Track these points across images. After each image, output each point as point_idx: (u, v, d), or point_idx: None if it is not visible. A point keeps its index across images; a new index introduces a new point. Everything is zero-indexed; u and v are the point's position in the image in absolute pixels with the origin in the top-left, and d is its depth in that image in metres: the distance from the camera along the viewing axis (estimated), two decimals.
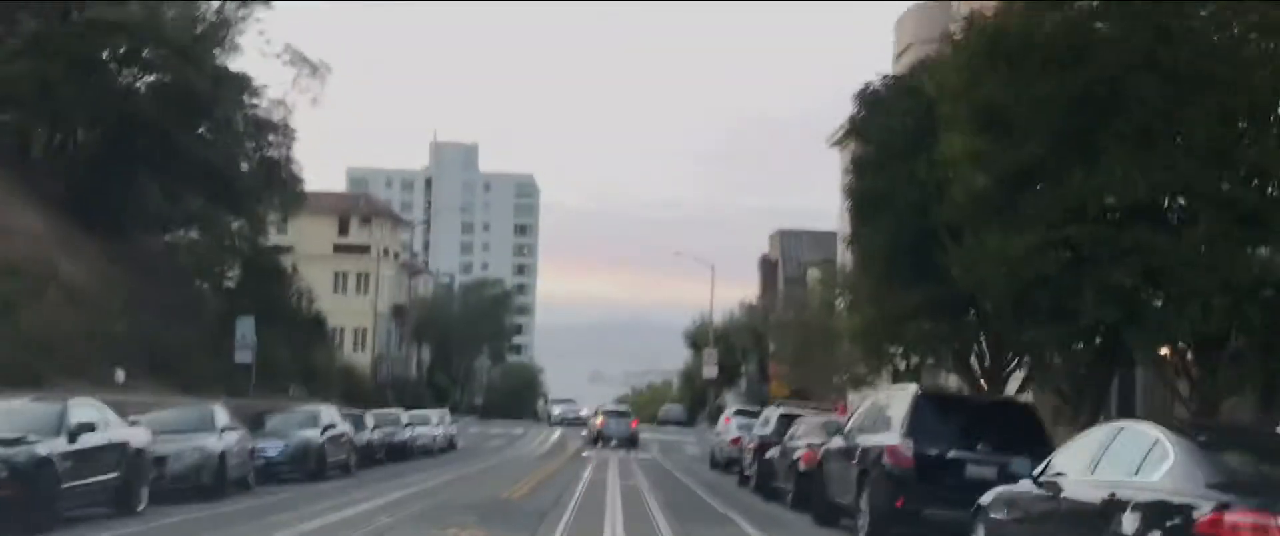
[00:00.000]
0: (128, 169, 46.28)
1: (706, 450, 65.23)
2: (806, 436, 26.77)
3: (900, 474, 18.76)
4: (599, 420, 67.54)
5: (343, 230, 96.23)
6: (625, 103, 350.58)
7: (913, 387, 20.95)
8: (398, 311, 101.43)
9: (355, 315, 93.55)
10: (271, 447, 31.29)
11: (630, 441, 63.57)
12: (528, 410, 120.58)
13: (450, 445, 58.04)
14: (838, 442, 21.66)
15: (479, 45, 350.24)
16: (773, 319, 53.38)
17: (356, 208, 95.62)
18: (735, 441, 42.32)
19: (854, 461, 20.25)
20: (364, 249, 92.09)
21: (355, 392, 63.90)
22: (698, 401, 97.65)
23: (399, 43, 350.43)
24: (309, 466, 31.97)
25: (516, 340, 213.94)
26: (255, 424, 32.86)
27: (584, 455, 55.26)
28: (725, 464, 43.78)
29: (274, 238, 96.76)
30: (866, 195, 27.87)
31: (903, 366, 33.14)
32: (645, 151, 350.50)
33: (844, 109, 31.50)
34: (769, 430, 32.46)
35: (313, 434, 32.74)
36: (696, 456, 59.10)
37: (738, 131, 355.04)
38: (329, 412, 35.07)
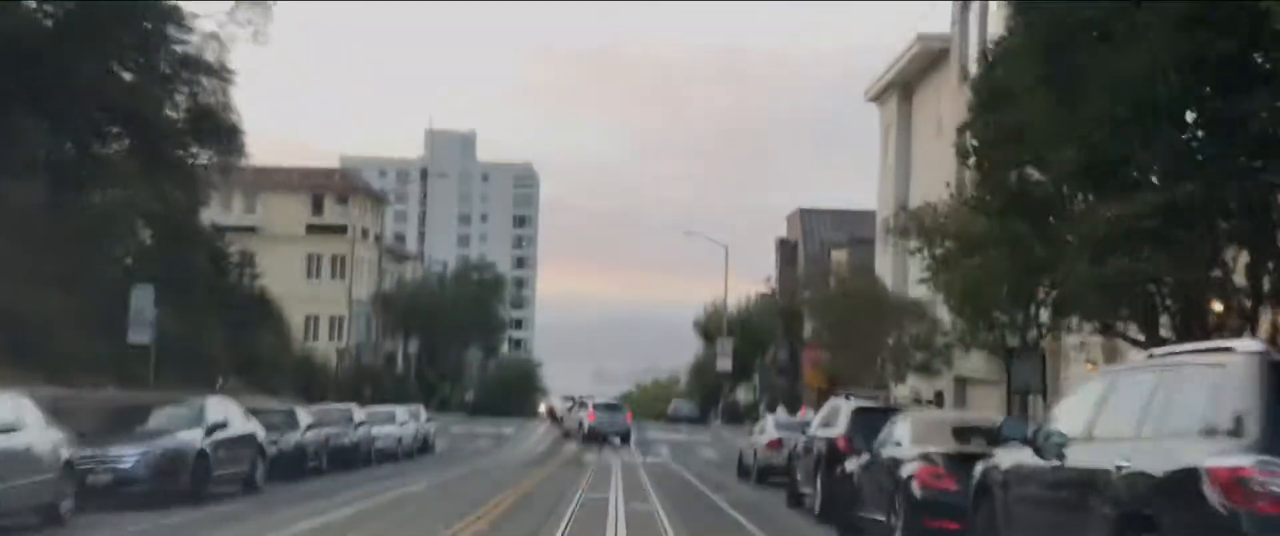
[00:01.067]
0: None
1: (725, 452, 56.02)
2: (920, 441, 17.18)
3: None
4: (589, 413, 60.03)
5: (317, 209, 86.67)
6: (624, 98, 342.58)
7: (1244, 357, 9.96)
8: (381, 299, 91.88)
9: (330, 302, 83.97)
10: (127, 457, 21.86)
11: (623, 437, 57.50)
12: (526, 407, 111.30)
13: (424, 447, 48.73)
14: (1027, 460, 11.73)
15: (477, 36, 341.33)
16: (812, 295, 43.85)
17: (332, 184, 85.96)
18: (774, 444, 32.85)
19: (1103, 497, 10.02)
20: (340, 230, 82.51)
21: (317, 387, 54.41)
22: (710, 397, 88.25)
23: (396, 28, 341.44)
24: (180, 482, 22.52)
25: (516, 335, 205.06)
26: (117, 423, 23.52)
27: (584, 460, 45.87)
28: (759, 474, 34.27)
29: (241, 217, 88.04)
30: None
31: (1028, 335, 23.94)
32: (646, 149, 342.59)
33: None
34: (839, 430, 22.80)
35: (190, 437, 23.22)
36: (716, 461, 49.70)
37: (740, 128, 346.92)
38: (221, 407, 25.52)
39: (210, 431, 23.79)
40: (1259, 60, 16.36)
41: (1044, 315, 24.71)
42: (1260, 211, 16.68)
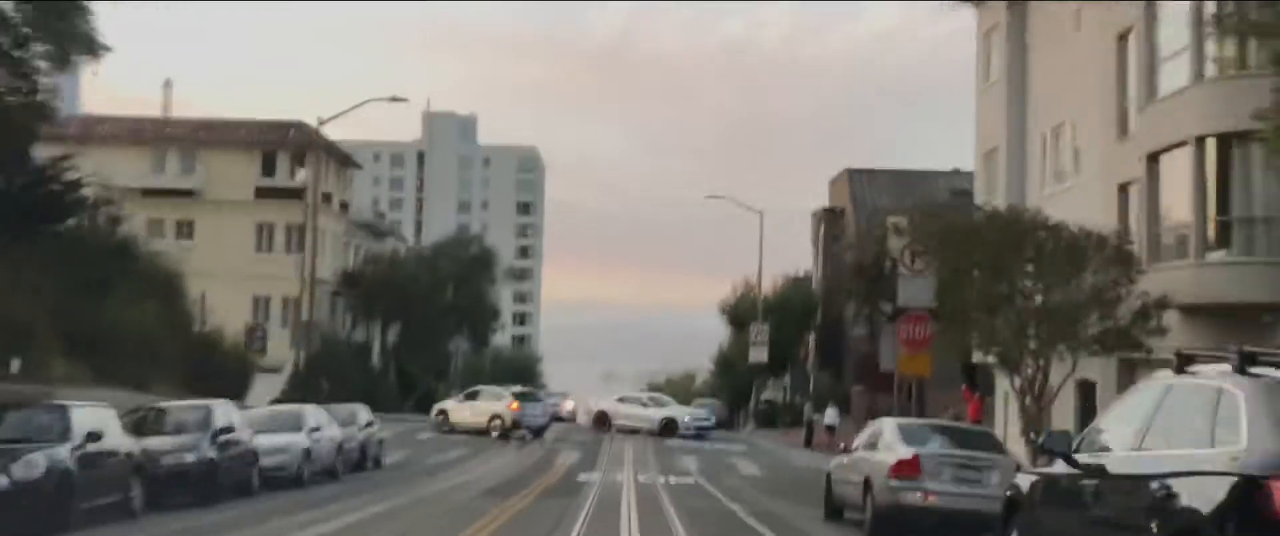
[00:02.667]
0: None
1: (770, 466, 42.06)
2: None
3: None
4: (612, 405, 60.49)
5: (268, 169, 72.59)
6: (634, 100, 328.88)
7: None
8: (348, 279, 77.80)
9: (284, 280, 69.84)
10: None
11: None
12: None
13: (361, 462, 34.91)
14: None
15: (476, 21, 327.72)
16: (922, 229, 29.18)
17: (286, 140, 71.88)
18: (907, 467, 18.85)
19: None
20: (296, 194, 68.38)
21: (220, 378, 40.34)
22: (738, 397, 74.60)
23: (395, 23, 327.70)
24: None
25: (519, 331, 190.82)
26: None
27: (579, 483, 32.10)
28: (880, 519, 20.03)
29: (178, 178, 73.93)
30: None
31: None
32: (655, 148, 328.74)
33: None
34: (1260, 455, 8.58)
35: None
36: (763, 481, 36.03)
37: (747, 129, 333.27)
38: None
39: None
40: None
41: None
42: None
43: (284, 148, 72.26)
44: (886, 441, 20.42)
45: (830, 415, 59.23)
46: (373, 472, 34.53)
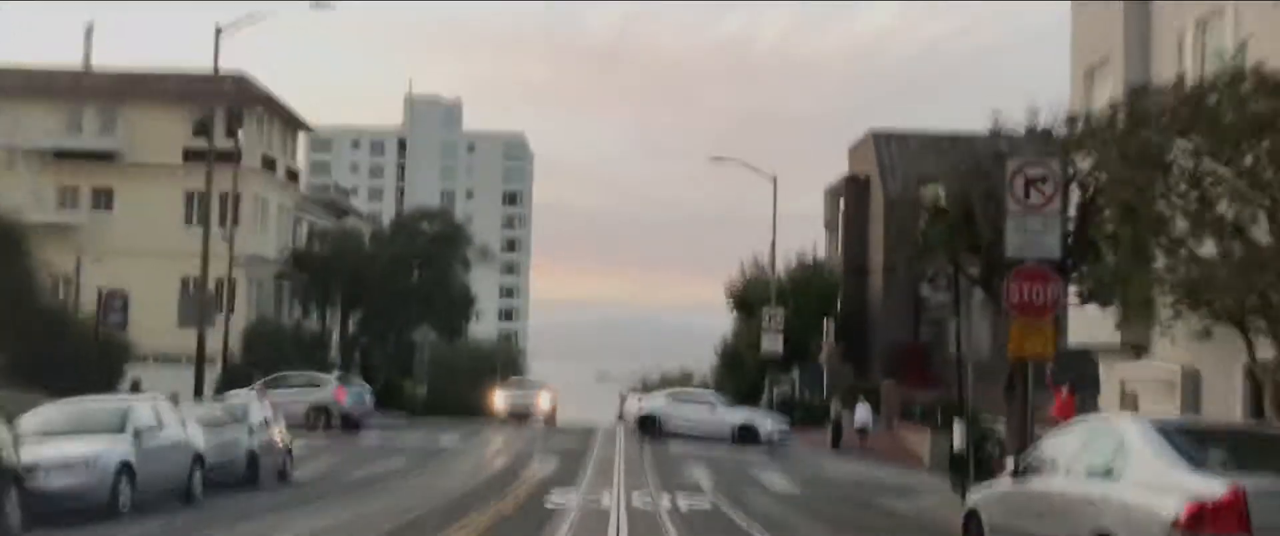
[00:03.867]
0: None
1: (803, 478, 32.27)
2: None
3: None
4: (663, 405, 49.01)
5: (200, 130, 62.24)
6: (633, 100, 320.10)
7: None
8: (297, 259, 67.73)
9: (220, 260, 59.81)
10: None
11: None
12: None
13: (253, 478, 25.19)
14: None
15: (471, 19, 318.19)
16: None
17: (221, 93, 61.66)
18: (1219, 516, 8.90)
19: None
20: (231, 157, 58.21)
21: (71, 366, 30.36)
22: (746, 396, 65.00)
23: (380, 20, 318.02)
24: None
25: (505, 326, 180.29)
26: None
27: (550, 504, 22.41)
28: None
29: (97, 138, 63.81)
30: None
31: None
32: (652, 149, 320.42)
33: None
34: None
35: None
36: (804, 502, 26.60)
37: (744, 129, 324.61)
38: None
39: None
40: None
41: None
42: None
43: (218, 102, 62.12)
44: (1144, 462, 10.45)
45: (861, 413, 49.35)
46: (258, 493, 24.60)
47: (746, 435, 46.66)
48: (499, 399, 62.59)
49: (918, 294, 61.14)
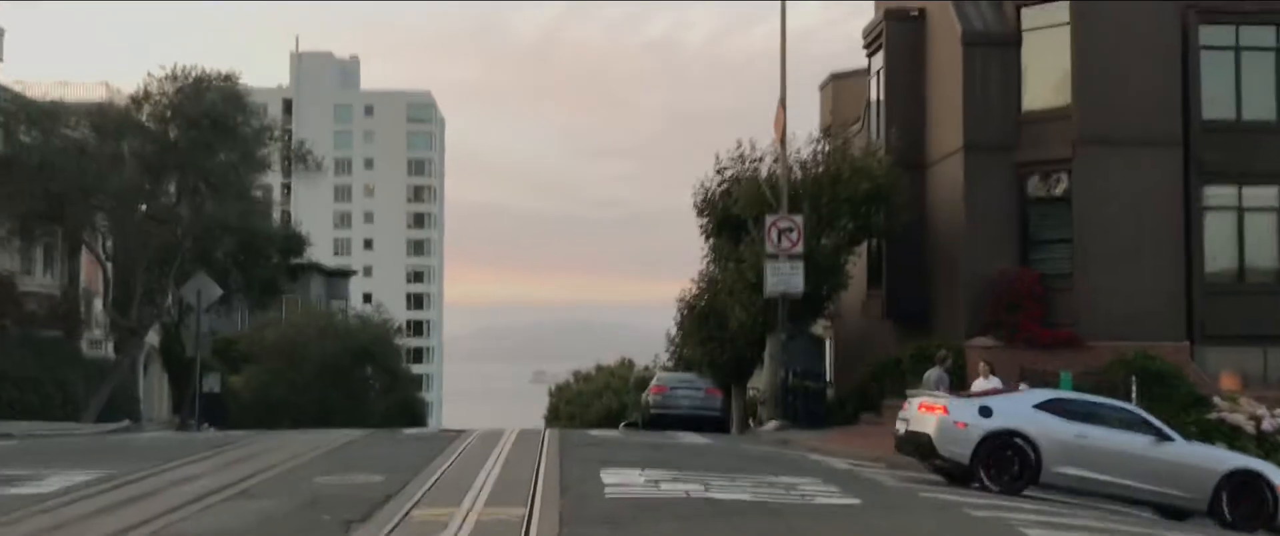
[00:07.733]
0: None
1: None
2: None
3: None
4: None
5: None
6: (563, 102, 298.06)
7: None
8: None
9: None
10: None
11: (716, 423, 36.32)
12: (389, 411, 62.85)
13: None
14: None
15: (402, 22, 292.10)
16: None
17: None
18: None
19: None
20: None
21: None
22: (738, 371, 39.35)
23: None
24: None
25: (415, 315, 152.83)
26: None
27: None
28: None
29: None
30: None
31: None
32: (580, 149, 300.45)
33: None
34: None
35: None
36: None
37: (675, 128, 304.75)
38: None
39: None
40: None
41: None
42: None
43: None
44: None
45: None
46: None
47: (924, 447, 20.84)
48: None
49: (1023, 191, 35.94)
